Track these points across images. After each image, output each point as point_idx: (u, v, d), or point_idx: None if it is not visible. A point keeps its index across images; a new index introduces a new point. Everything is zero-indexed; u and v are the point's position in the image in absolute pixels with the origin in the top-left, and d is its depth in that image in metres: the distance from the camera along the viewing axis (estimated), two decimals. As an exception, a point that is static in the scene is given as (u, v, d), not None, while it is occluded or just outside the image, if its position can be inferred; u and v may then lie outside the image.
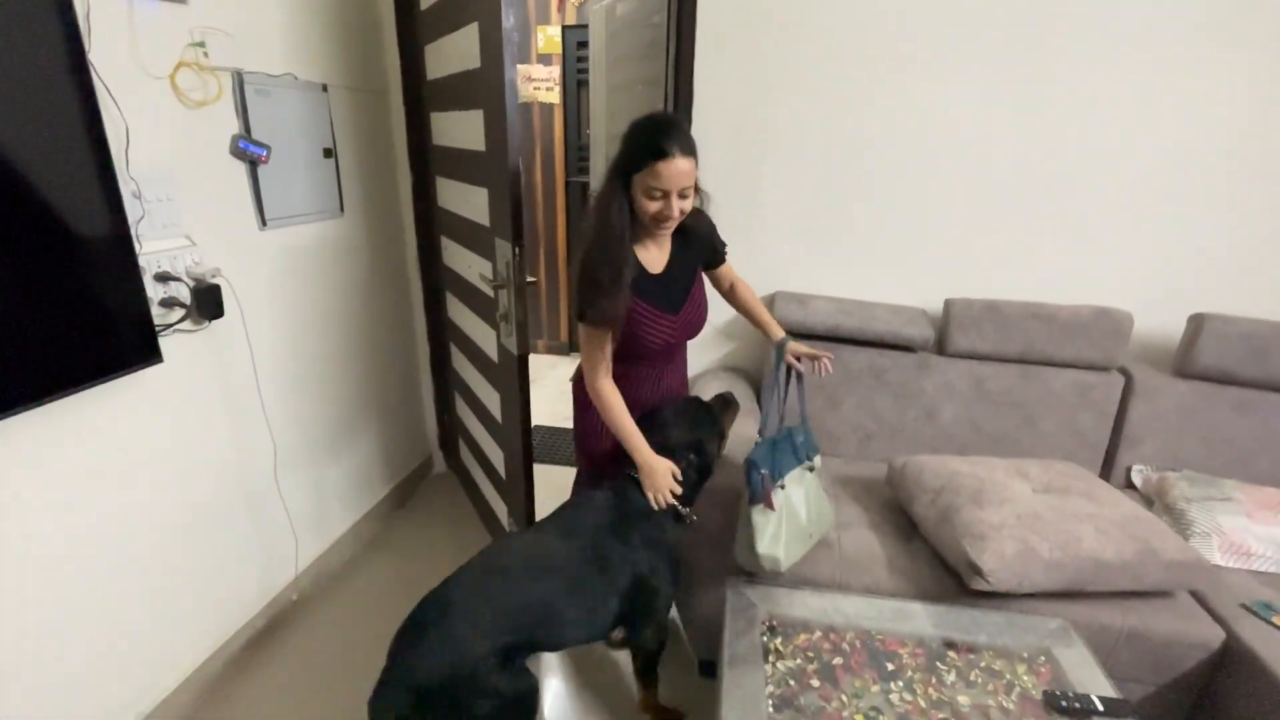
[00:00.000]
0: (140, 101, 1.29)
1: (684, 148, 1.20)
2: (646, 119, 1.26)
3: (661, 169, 1.20)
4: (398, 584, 2.04)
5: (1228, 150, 1.80)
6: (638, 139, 1.23)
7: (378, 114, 2.14)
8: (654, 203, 1.24)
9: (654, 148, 1.19)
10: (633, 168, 1.23)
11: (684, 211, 1.27)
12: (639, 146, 1.22)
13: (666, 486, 1.33)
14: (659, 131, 1.21)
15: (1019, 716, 1.11)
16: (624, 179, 1.25)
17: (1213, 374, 1.80)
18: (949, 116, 1.87)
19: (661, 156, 1.19)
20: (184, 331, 1.44)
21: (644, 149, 1.21)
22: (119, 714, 1.41)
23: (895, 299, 2.03)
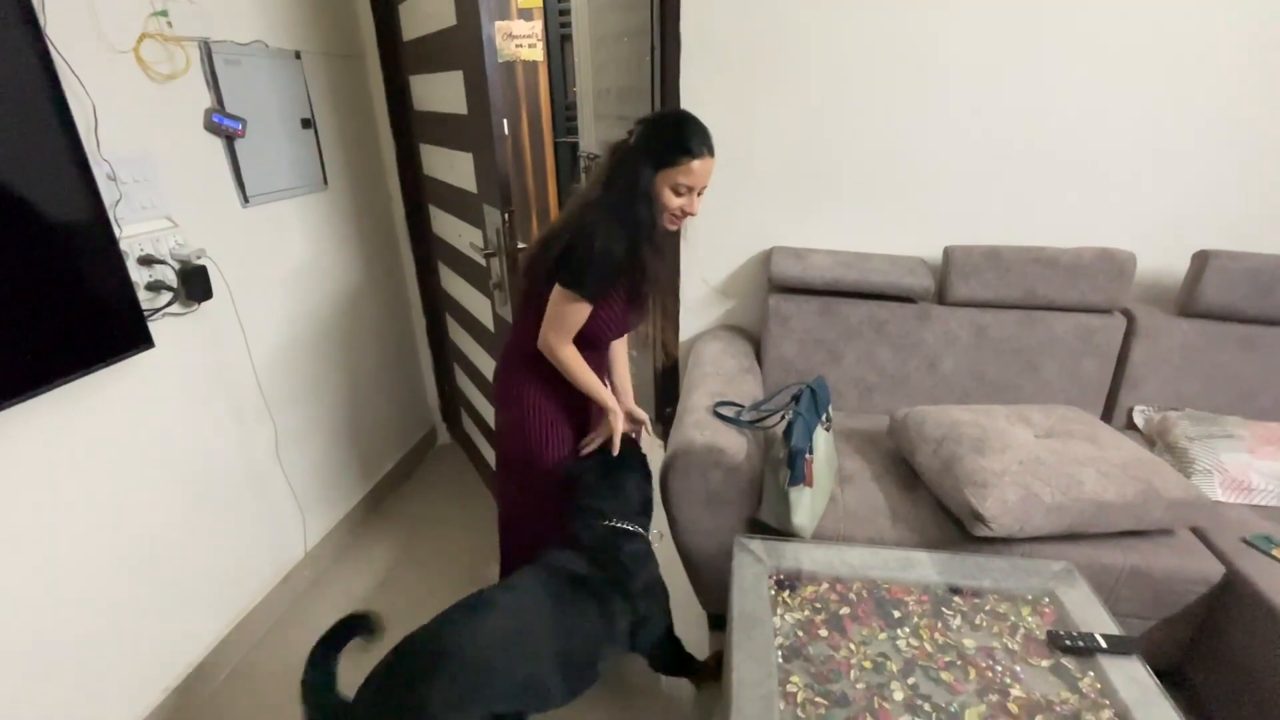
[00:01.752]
0: (105, 78, 1.24)
1: (710, 148, 1.26)
2: (675, 116, 1.29)
3: (696, 167, 1.24)
4: (408, 556, 2.07)
5: (1231, 85, 1.74)
6: (671, 134, 1.25)
7: (355, 80, 2.06)
8: (679, 199, 1.28)
9: (689, 146, 1.23)
10: (665, 163, 1.25)
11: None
12: (673, 142, 1.24)
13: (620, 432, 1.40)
14: (694, 130, 1.25)
15: (1024, 657, 1.13)
16: (651, 171, 1.25)
17: (1217, 311, 1.78)
18: (947, 59, 1.80)
19: (697, 155, 1.24)
20: (173, 315, 1.42)
21: (678, 146, 1.23)
22: (147, 688, 1.45)
23: (895, 249, 2.00)
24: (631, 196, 1.25)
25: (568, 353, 1.35)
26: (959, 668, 1.11)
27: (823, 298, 1.92)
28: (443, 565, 2.03)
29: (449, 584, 1.94)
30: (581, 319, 1.32)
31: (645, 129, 1.27)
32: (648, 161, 1.25)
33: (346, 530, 2.13)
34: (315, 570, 1.97)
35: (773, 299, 1.95)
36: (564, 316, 1.31)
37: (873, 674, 1.09)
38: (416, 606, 1.84)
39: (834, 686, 1.07)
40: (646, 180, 1.25)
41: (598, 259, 1.25)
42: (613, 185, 1.28)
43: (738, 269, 2.12)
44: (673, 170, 1.25)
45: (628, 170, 1.26)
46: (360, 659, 1.11)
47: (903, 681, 1.08)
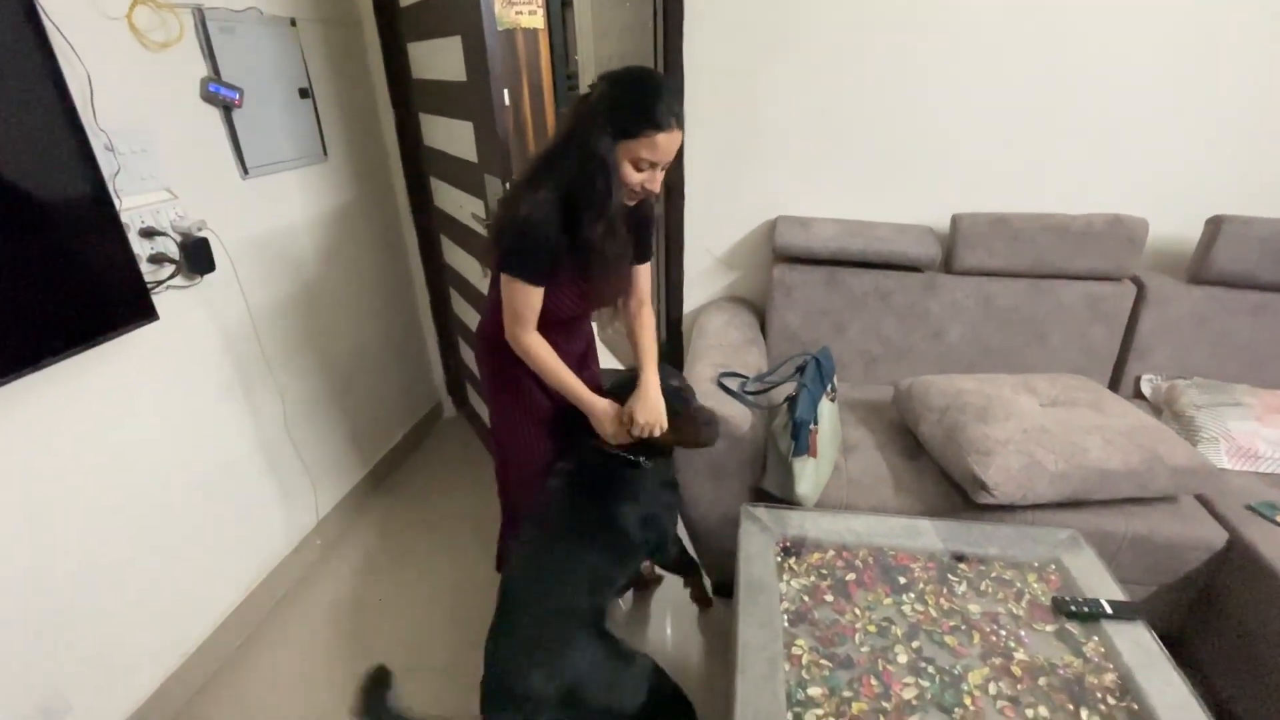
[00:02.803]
0: (99, 46, 1.22)
1: (679, 118, 1.12)
2: (641, 79, 1.13)
3: (661, 141, 1.10)
4: (417, 524, 2.10)
5: (1244, 47, 1.69)
6: (635, 102, 1.10)
7: (352, 48, 2.02)
8: (639, 174, 1.14)
9: (654, 117, 1.09)
10: (626, 133, 1.10)
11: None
12: (637, 112, 1.09)
13: (612, 430, 1.30)
14: (659, 98, 1.09)
15: (1028, 622, 1.14)
16: (612, 140, 1.11)
17: (1229, 278, 1.76)
18: (955, 22, 1.75)
19: (661, 127, 1.09)
20: (177, 288, 1.42)
21: (643, 116, 1.09)
22: (165, 653, 1.49)
23: (902, 218, 1.97)
24: (586, 166, 1.12)
25: (531, 341, 1.25)
26: (963, 632, 1.12)
27: (828, 268, 1.91)
28: (450, 532, 2.05)
29: (457, 550, 1.97)
30: (533, 302, 1.21)
31: (607, 89, 1.12)
32: (607, 129, 1.10)
33: (355, 501, 2.15)
34: (326, 539, 2.00)
35: (777, 269, 1.93)
36: (513, 302, 1.21)
37: (877, 638, 1.11)
38: (426, 572, 1.88)
39: (839, 649, 1.09)
40: (605, 149, 1.11)
41: (531, 238, 1.15)
42: (566, 151, 1.14)
43: (742, 239, 2.10)
44: (634, 143, 1.10)
45: (583, 135, 1.12)
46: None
47: (907, 645, 1.09)
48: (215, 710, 1.51)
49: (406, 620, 1.72)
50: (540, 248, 1.16)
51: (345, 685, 1.55)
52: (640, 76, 1.14)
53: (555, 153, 1.16)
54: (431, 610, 1.75)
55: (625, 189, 1.15)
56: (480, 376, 1.45)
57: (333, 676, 1.58)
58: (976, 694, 1.01)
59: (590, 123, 1.11)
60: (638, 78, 1.13)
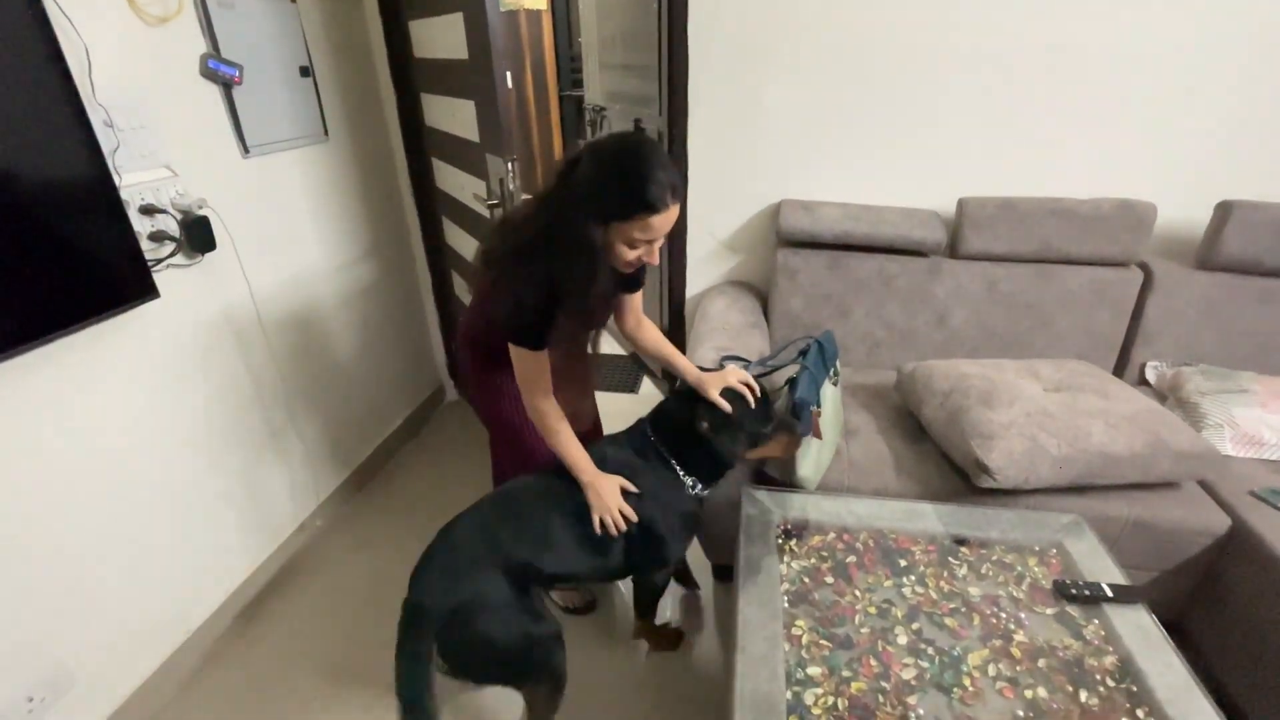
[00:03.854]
0: (96, 18, 1.20)
1: (675, 192, 1.03)
2: (630, 157, 1.03)
3: (655, 222, 1.03)
4: (418, 508, 2.10)
5: (1253, 32, 1.67)
6: (626, 185, 1.02)
7: (353, 26, 2.00)
8: (634, 251, 1.08)
9: (647, 198, 1.01)
10: (616, 216, 1.03)
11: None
12: (628, 195, 1.02)
13: (616, 506, 1.22)
14: (651, 178, 1.01)
15: (1029, 605, 1.14)
16: (602, 223, 1.05)
17: (1238, 264, 1.74)
18: (962, 5, 1.72)
19: (657, 209, 1.02)
20: (178, 266, 1.41)
21: (635, 199, 1.01)
22: (169, 628, 1.50)
23: (907, 202, 1.95)
24: (572, 253, 1.06)
25: (548, 406, 1.24)
26: (963, 614, 1.12)
27: (831, 251, 1.89)
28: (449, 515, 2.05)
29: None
30: (541, 367, 1.21)
31: (595, 170, 1.04)
32: (594, 212, 1.03)
33: (358, 482, 2.16)
34: (328, 520, 2.01)
35: (780, 253, 1.92)
36: (524, 370, 1.21)
37: (877, 619, 1.11)
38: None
39: (838, 630, 1.09)
40: (592, 234, 1.04)
41: (528, 316, 1.14)
42: (552, 232, 1.08)
43: (745, 223, 2.08)
44: (627, 224, 1.03)
45: (569, 220, 1.05)
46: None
47: (906, 626, 1.10)
48: (218, 685, 1.52)
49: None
50: (535, 321, 1.15)
51: (346, 664, 1.56)
52: (629, 154, 1.04)
53: (542, 231, 1.10)
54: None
55: (620, 263, 1.11)
56: (468, 371, 1.45)
57: (334, 655, 1.59)
58: (976, 675, 1.01)
59: (576, 207, 1.04)
60: (626, 156, 1.04)
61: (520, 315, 1.15)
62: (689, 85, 1.91)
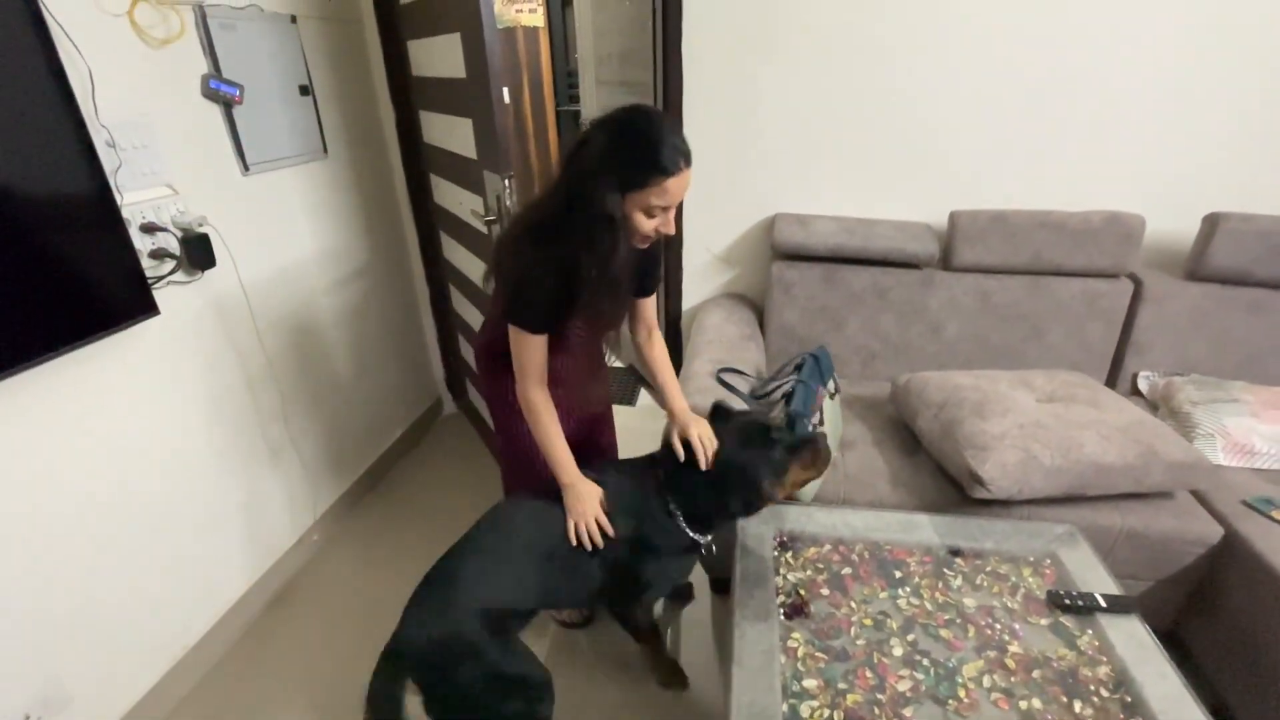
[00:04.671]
0: (100, 42, 1.22)
1: (687, 157, 1.06)
2: (640, 124, 1.05)
3: (670, 185, 1.05)
4: (416, 521, 2.10)
5: (1240, 46, 1.70)
6: (639, 151, 1.04)
7: (353, 45, 2.03)
8: (652, 220, 1.09)
9: (662, 162, 1.03)
10: (634, 184, 1.05)
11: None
12: (642, 161, 1.04)
13: (592, 514, 1.18)
14: (664, 141, 1.03)
15: (1023, 615, 1.15)
16: (619, 192, 1.05)
17: (1227, 275, 1.76)
18: (953, 19, 1.76)
19: (670, 172, 1.03)
20: (178, 283, 1.43)
21: (650, 163, 1.03)
22: (165, 646, 1.49)
23: (900, 215, 1.98)
24: (593, 225, 1.07)
25: (537, 398, 1.22)
26: (958, 625, 1.13)
27: (826, 265, 1.91)
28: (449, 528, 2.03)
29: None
30: (537, 352, 1.19)
31: (607, 141, 1.05)
32: (611, 183, 1.04)
33: (355, 496, 2.16)
34: (325, 535, 2.01)
35: (775, 266, 1.94)
36: (519, 352, 1.20)
37: (873, 631, 1.12)
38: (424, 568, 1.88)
39: (834, 642, 1.09)
40: (611, 205, 1.05)
41: (531, 292, 1.13)
42: (569, 207, 1.09)
43: (740, 236, 2.10)
44: (643, 192, 1.05)
45: (586, 192, 1.06)
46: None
47: (902, 638, 1.10)
48: (214, 703, 1.52)
49: (406, 615, 1.73)
50: (540, 301, 1.14)
51: (343, 680, 1.56)
52: (638, 120, 1.06)
53: (558, 207, 1.10)
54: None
55: (638, 236, 1.12)
56: (482, 387, 1.44)
57: (331, 671, 1.59)
58: (971, 686, 1.02)
59: (592, 178, 1.05)
60: (636, 122, 1.06)
61: (525, 294, 1.14)
62: (683, 102, 1.94)
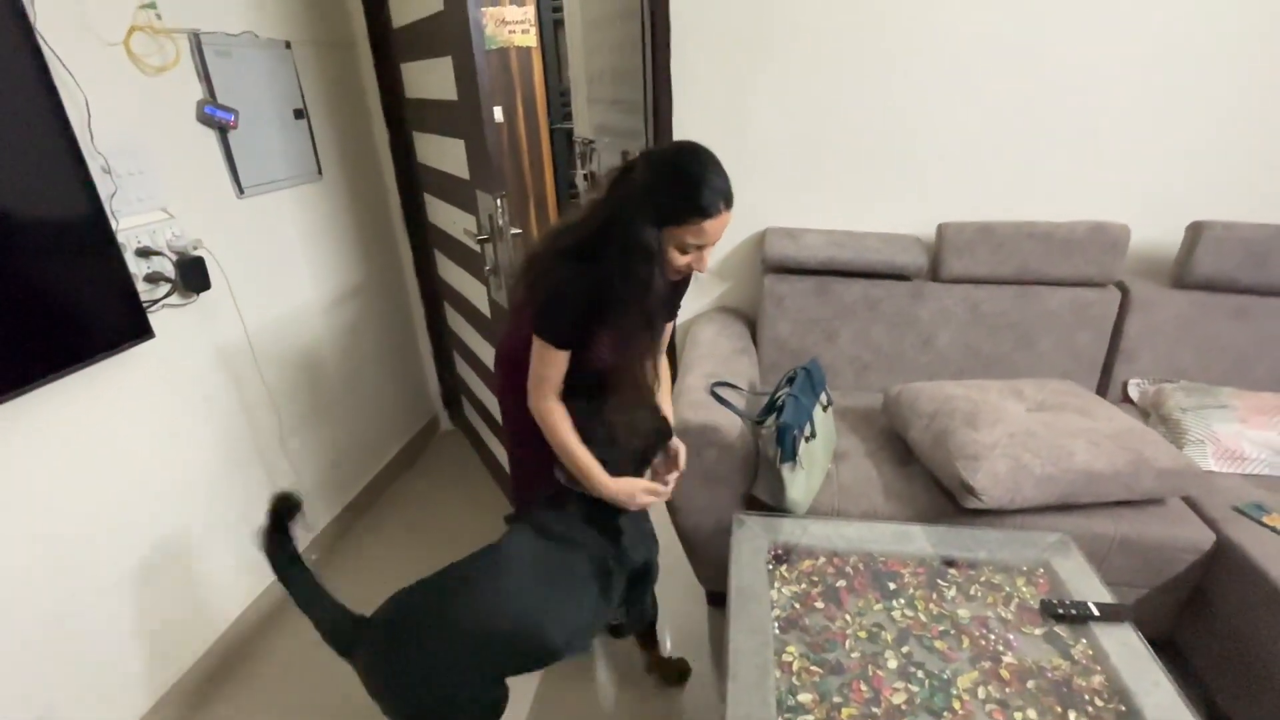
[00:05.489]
0: (96, 71, 1.25)
1: (728, 199, 1.07)
2: (686, 162, 1.07)
3: (708, 227, 1.06)
4: (413, 538, 2.10)
5: (1219, 57, 1.73)
6: (681, 189, 1.05)
7: (347, 69, 2.06)
8: (685, 256, 1.11)
9: (702, 203, 1.04)
10: (671, 220, 1.06)
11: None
12: (683, 199, 1.05)
13: (642, 490, 1.23)
14: (705, 182, 1.04)
15: (1017, 625, 1.15)
16: (657, 227, 1.07)
17: (1211, 282, 1.78)
18: (938, 34, 1.79)
19: (710, 214, 1.05)
20: (172, 306, 1.44)
21: (689, 203, 1.04)
22: (160, 671, 1.49)
23: (889, 227, 2.00)
24: (628, 255, 1.08)
25: (549, 407, 1.22)
26: (953, 637, 1.13)
27: (817, 277, 1.93)
28: (447, 545, 2.04)
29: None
30: (557, 367, 1.20)
31: (652, 175, 1.07)
32: (650, 216, 1.06)
33: (352, 515, 2.16)
34: (322, 554, 2.00)
35: (767, 280, 1.96)
36: (539, 364, 1.20)
37: (867, 643, 1.12)
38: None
39: (829, 655, 1.09)
40: (649, 238, 1.07)
41: (559, 306, 1.15)
42: (608, 235, 1.10)
43: (732, 250, 2.12)
44: (680, 229, 1.06)
45: (625, 222, 1.07)
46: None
47: (897, 650, 1.10)
48: (211, 727, 1.51)
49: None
50: (567, 318, 1.15)
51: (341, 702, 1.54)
52: (685, 159, 1.08)
53: (596, 233, 1.12)
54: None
55: (671, 269, 1.13)
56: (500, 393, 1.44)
57: (325, 695, 1.57)
58: (966, 698, 1.02)
59: (633, 209, 1.07)
60: (681, 161, 1.07)
61: (554, 308, 1.15)
62: (674, 120, 1.96)
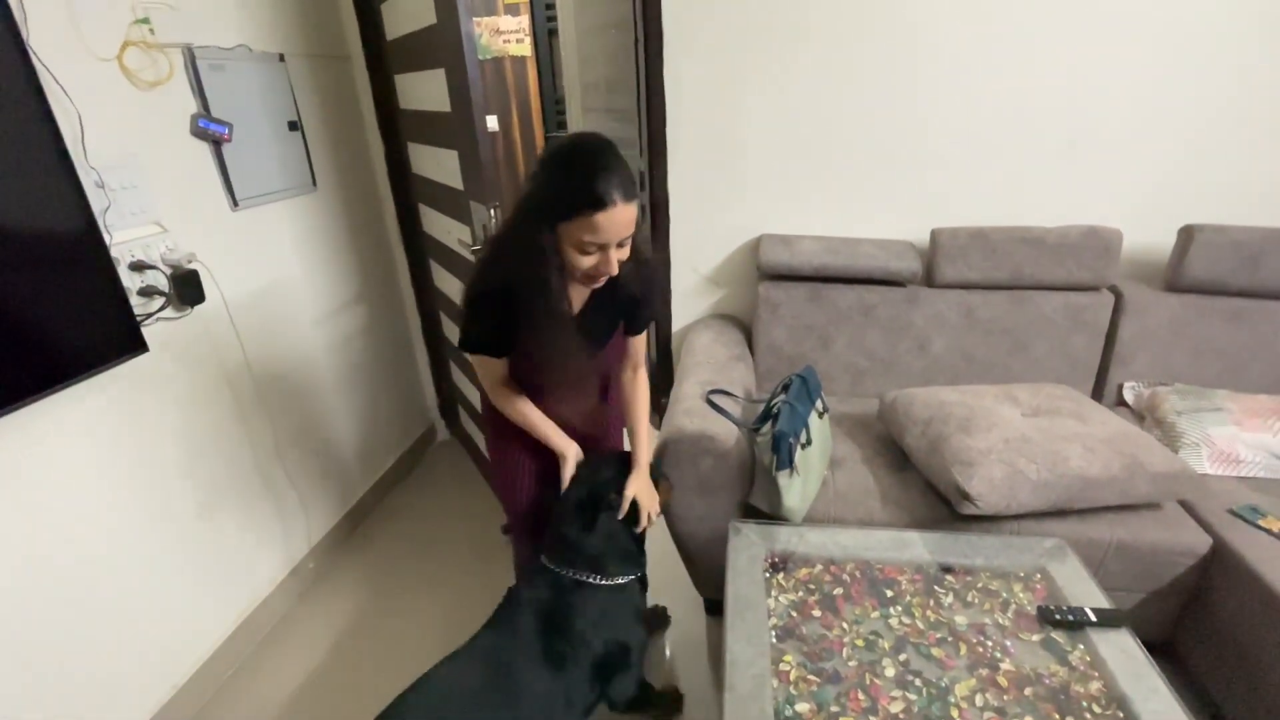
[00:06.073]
0: (89, 86, 1.25)
1: (626, 191, 0.99)
2: (576, 150, 1.01)
3: (601, 221, 0.98)
4: (410, 549, 2.09)
5: (1208, 62, 1.75)
6: (569, 180, 0.99)
7: (341, 81, 2.07)
8: (587, 258, 1.03)
9: (591, 194, 0.97)
10: (561, 215, 1.00)
11: (622, 262, 1.07)
12: (572, 191, 0.99)
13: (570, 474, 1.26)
14: (596, 172, 0.97)
15: (1014, 632, 1.15)
16: (549, 225, 1.02)
17: (1204, 286, 1.79)
18: (929, 41, 1.80)
19: (601, 206, 0.97)
20: (166, 319, 1.44)
21: (579, 195, 0.98)
22: (157, 684, 1.48)
23: (882, 233, 2.01)
24: (525, 257, 1.03)
25: (513, 400, 1.25)
26: (950, 644, 1.12)
27: (812, 284, 1.94)
28: (444, 556, 2.05)
29: (451, 574, 1.96)
30: (494, 370, 1.22)
31: (543, 170, 1.03)
32: (543, 214, 1.01)
33: (349, 526, 2.15)
34: (319, 565, 1.99)
35: (762, 286, 1.96)
36: (483, 373, 1.24)
37: (865, 652, 1.11)
38: (419, 597, 1.88)
39: (826, 664, 1.09)
40: (544, 237, 1.01)
41: (475, 315, 1.14)
42: (511, 238, 1.08)
43: (727, 257, 2.13)
44: (571, 225, 0.99)
45: (521, 222, 1.04)
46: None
47: (894, 658, 1.10)
48: (206, 743, 1.50)
49: (399, 646, 1.72)
50: (483, 326, 1.14)
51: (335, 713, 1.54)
52: (575, 152, 1.02)
53: (502, 238, 1.11)
54: (424, 635, 1.74)
55: (579, 273, 1.07)
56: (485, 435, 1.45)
57: (324, 705, 1.57)
58: (964, 706, 1.01)
59: (527, 208, 1.04)
60: (572, 153, 1.02)
61: (470, 318, 1.15)
62: (667, 128, 1.97)
